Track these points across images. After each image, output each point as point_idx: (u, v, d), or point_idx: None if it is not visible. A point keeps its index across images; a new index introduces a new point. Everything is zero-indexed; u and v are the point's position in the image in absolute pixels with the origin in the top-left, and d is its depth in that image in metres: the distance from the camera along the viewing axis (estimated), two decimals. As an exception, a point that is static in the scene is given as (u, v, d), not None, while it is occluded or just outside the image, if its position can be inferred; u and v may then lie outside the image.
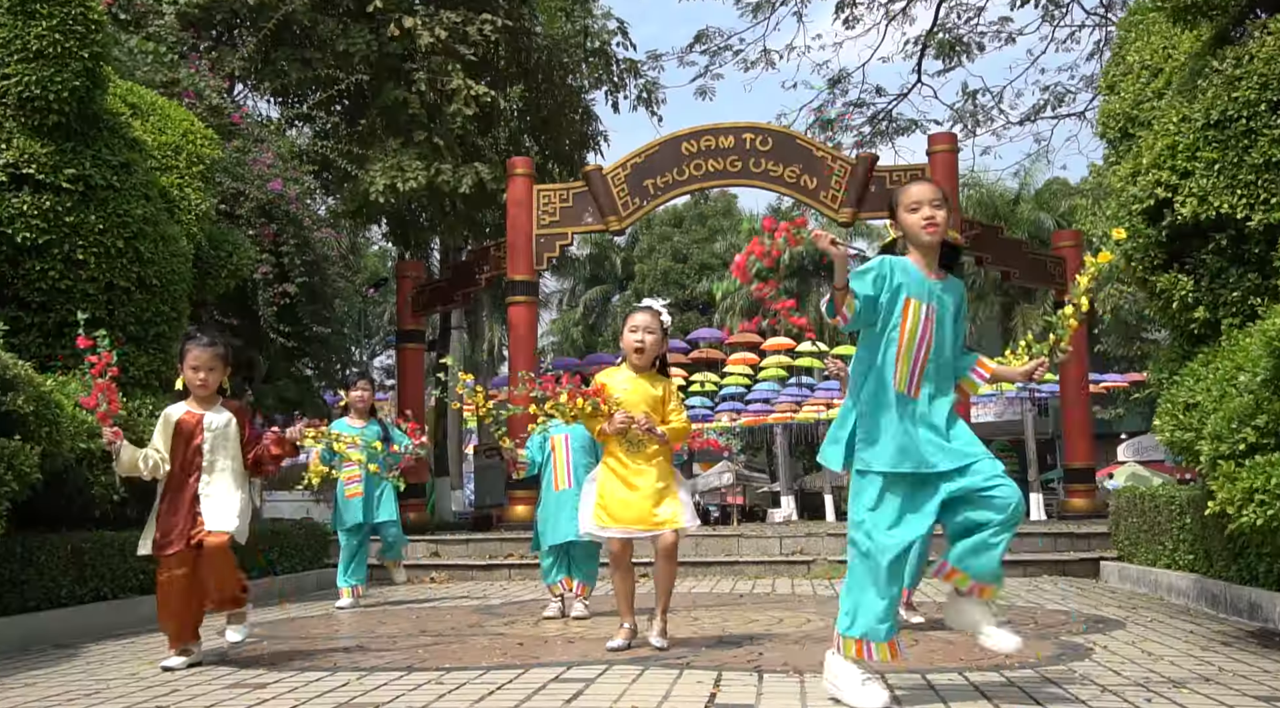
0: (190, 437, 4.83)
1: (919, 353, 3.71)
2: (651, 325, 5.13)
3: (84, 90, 7.07)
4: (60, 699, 3.92)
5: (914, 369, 3.70)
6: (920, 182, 3.89)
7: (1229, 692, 3.76)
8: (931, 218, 3.75)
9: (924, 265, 3.80)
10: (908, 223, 3.79)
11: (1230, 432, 4.81)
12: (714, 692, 3.79)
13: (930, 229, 3.75)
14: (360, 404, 7.69)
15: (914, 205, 3.78)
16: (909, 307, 3.72)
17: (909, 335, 3.70)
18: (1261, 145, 5.90)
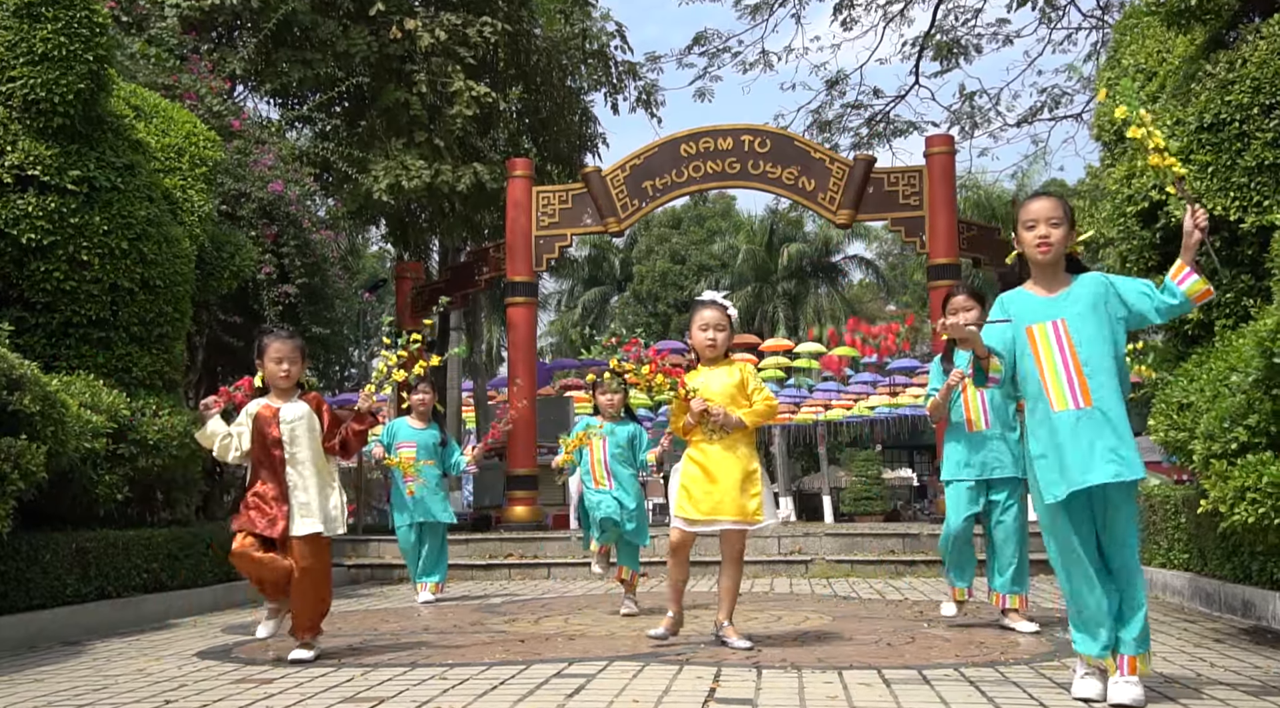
0: (268, 429, 4.91)
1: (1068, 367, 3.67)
2: (721, 322, 5.13)
3: (88, 93, 7.13)
4: (68, 695, 3.98)
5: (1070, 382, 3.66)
6: (1040, 198, 3.83)
7: (1220, 687, 3.82)
8: (1046, 237, 3.73)
9: (1041, 286, 3.80)
10: (1024, 240, 3.79)
11: (1222, 431, 4.87)
12: (714, 687, 3.85)
13: (1043, 250, 3.74)
14: (422, 407, 7.76)
15: (1030, 223, 3.77)
16: (1033, 335, 3.73)
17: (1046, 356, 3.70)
18: (1254, 148, 5.96)
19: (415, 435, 7.69)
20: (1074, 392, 3.64)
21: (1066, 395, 3.65)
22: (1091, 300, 3.73)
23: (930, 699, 3.59)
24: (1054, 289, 3.79)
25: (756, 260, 40.94)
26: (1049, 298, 3.78)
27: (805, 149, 13.00)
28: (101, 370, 7.29)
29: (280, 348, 4.99)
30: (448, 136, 14.30)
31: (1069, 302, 3.74)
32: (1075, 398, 3.63)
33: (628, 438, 6.63)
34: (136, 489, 7.32)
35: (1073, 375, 3.65)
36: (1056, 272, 3.80)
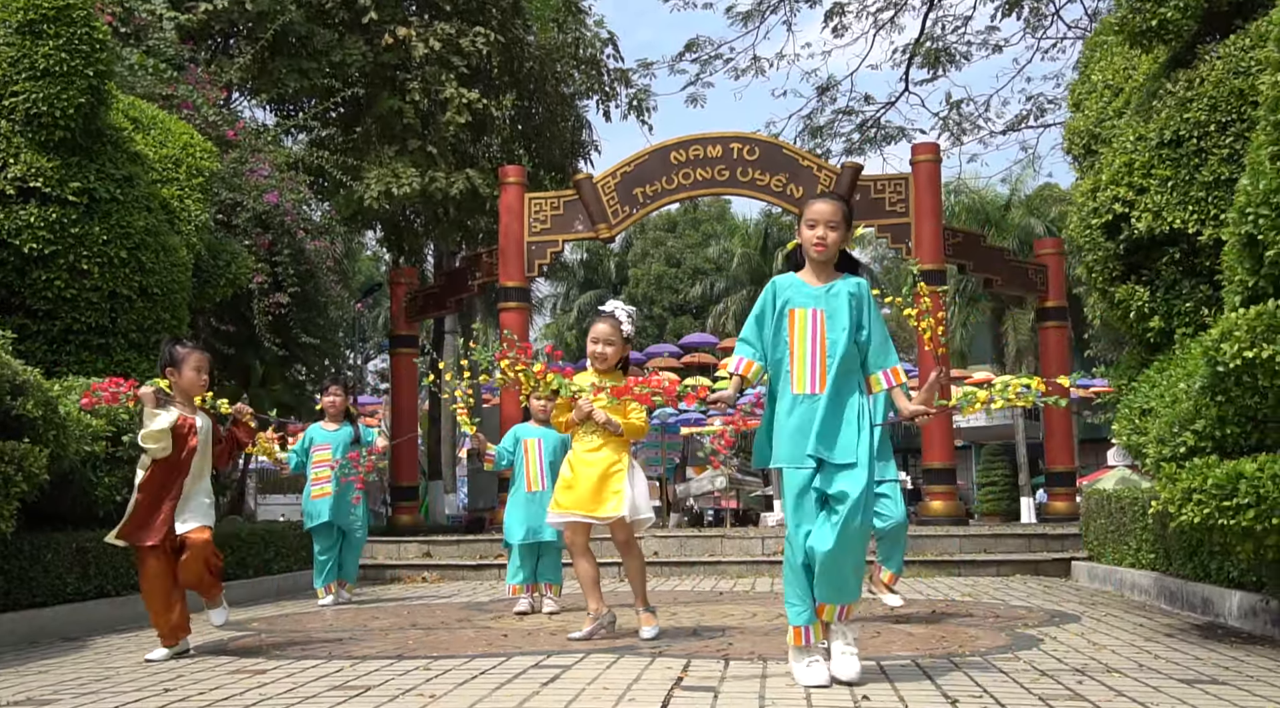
0: (185, 439, 5.09)
1: (814, 354, 4.04)
2: (611, 337, 5.43)
3: (89, 107, 7.38)
4: (72, 685, 4.21)
5: (813, 369, 4.02)
6: (822, 199, 4.18)
7: (1156, 676, 4.06)
8: (823, 239, 4.08)
9: (813, 276, 4.16)
10: (804, 237, 4.15)
11: (1172, 435, 5.11)
12: (681, 676, 4.08)
13: (818, 249, 4.10)
14: (333, 409, 7.95)
15: (811, 222, 4.12)
16: (794, 316, 4.07)
17: (799, 340, 4.05)
18: (1211, 164, 6.21)
19: (329, 437, 7.83)
20: (813, 378, 4.02)
21: (806, 380, 4.02)
22: (848, 301, 4.11)
23: (882, 688, 3.82)
24: (824, 281, 4.15)
25: (751, 264, 41.18)
26: (815, 288, 4.14)
27: (793, 157, 13.24)
28: (101, 376, 7.49)
29: (201, 359, 5.22)
30: (441, 143, 14.54)
31: (829, 296, 4.11)
32: (813, 383, 4.01)
33: (563, 443, 6.87)
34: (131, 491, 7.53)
35: (816, 363, 4.03)
36: (828, 267, 4.18)
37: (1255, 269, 5.01)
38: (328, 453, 7.72)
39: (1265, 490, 4.51)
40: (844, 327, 4.06)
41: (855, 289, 4.16)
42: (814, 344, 4.04)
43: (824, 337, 4.05)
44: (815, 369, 4.03)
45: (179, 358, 5.18)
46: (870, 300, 4.16)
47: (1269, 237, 4.83)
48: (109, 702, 3.77)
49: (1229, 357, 4.65)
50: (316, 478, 7.72)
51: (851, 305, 4.10)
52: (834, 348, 4.04)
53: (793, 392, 4.03)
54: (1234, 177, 6.10)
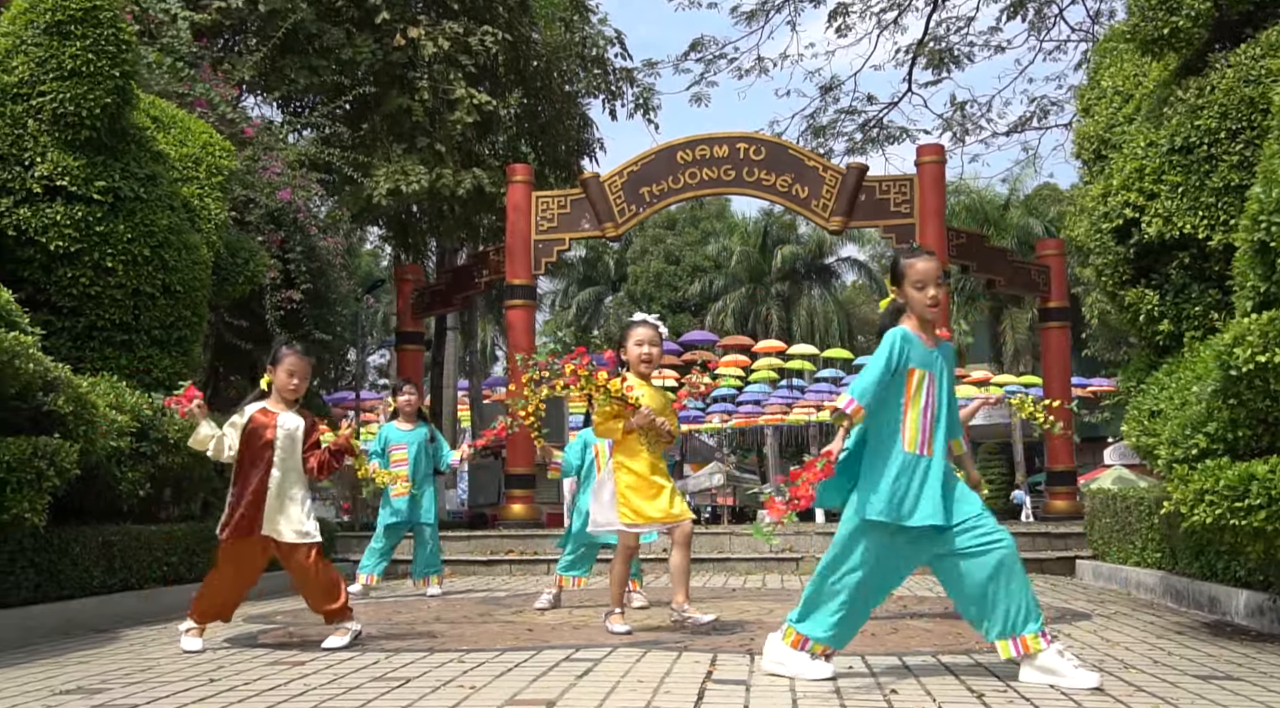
0: (263, 433, 5.20)
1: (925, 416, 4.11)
2: (655, 339, 5.61)
3: (115, 107, 7.48)
4: (117, 674, 4.32)
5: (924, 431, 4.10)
6: (921, 257, 4.17)
7: (1172, 672, 4.18)
8: (936, 299, 4.14)
9: (923, 334, 4.19)
10: (913, 299, 4.16)
11: (1184, 437, 5.23)
12: (710, 670, 4.20)
13: (933, 309, 4.14)
14: (408, 408, 8.12)
15: (919, 283, 4.13)
16: (912, 376, 4.11)
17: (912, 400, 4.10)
18: (1221, 170, 6.33)
19: (405, 437, 8.05)
20: (923, 439, 4.08)
21: (917, 440, 4.08)
22: (950, 364, 4.24)
23: (909, 682, 3.94)
24: (933, 341, 4.21)
25: (750, 262, 41.34)
26: (931, 350, 4.18)
27: (799, 157, 13.34)
28: (124, 372, 7.63)
29: (296, 363, 5.32)
30: (448, 142, 14.63)
31: (940, 360, 4.19)
32: (923, 446, 4.07)
33: None
34: (156, 486, 7.65)
35: (927, 425, 4.10)
36: (936, 327, 4.26)
37: (1267, 275, 5.12)
38: (404, 453, 7.93)
39: (1276, 492, 4.64)
40: (947, 391, 4.18)
41: (951, 353, 4.29)
42: (926, 406, 4.10)
43: (934, 401, 4.12)
44: (925, 431, 4.09)
45: (279, 358, 5.33)
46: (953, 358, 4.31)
47: (1281, 244, 4.94)
48: (158, 691, 3.87)
49: (1242, 361, 4.78)
50: (397, 478, 7.84)
51: (949, 372, 4.22)
52: (939, 412, 4.12)
53: (904, 449, 4.07)
54: (1244, 183, 6.21)
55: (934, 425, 4.10)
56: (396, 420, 8.16)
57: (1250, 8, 6.59)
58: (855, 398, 3.98)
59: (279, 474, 5.19)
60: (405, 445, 7.99)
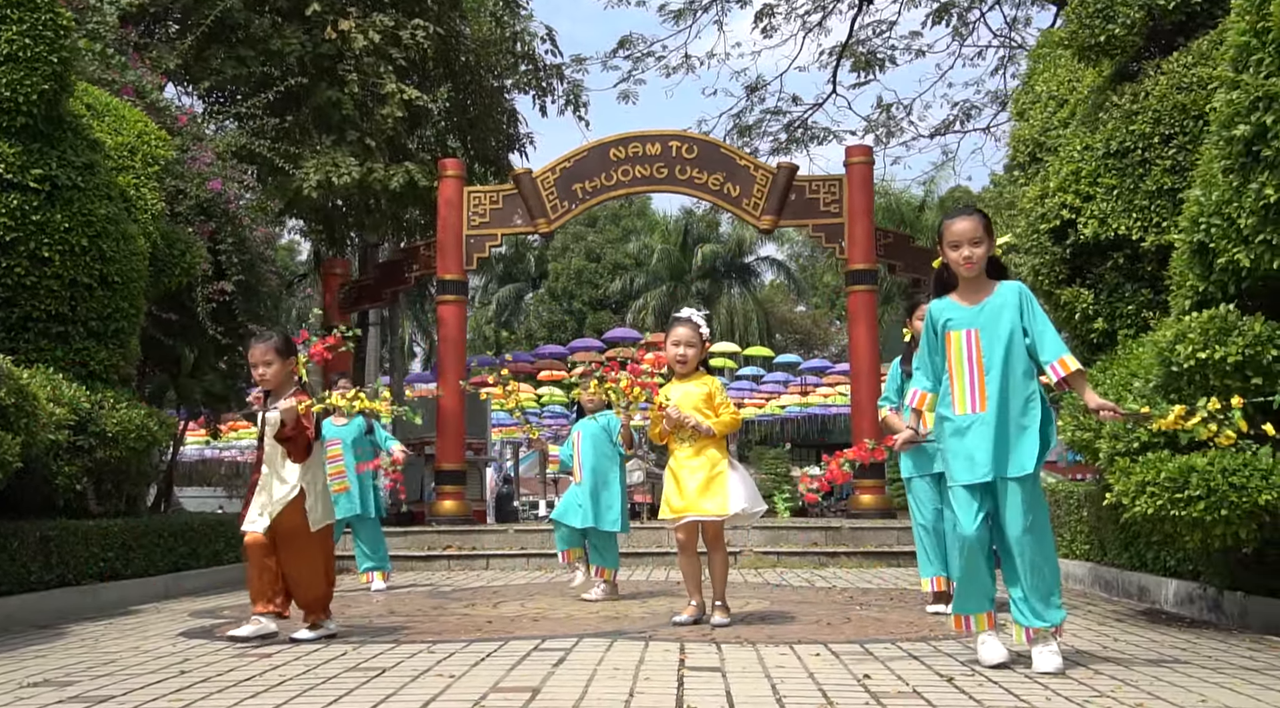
0: (264, 425, 5.16)
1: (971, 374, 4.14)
2: (692, 339, 5.61)
3: (51, 94, 7.30)
4: (81, 669, 4.24)
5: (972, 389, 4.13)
6: (960, 217, 4.24)
7: (1124, 656, 4.36)
8: (970, 257, 4.17)
9: (964, 295, 4.25)
10: (949, 258, 4.23)
11: (1125, 432, 5.42)
12: (682, 658, 4.26)
13: (968, 266, 4.19)
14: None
15: (953, 243, 4.20)
16: (951, 339, 4.19)
17: (956, 361, 4.17)
18: (1155, 174, 6.56)
19: (339, 432, 7.96)
20: (974, 398, 4.13)
21: (967, 400, 4.14)
22: (1004, 314, 4.18)
23: (877, 668, 4.04)
24: (976, 299, 4.25)
25: (671, 260, 41.54)
26: (969, 308, 4.24)
27: (731, 156, 13.48)
28: (60, 364, 7.45)
29: (253, 354, 5.23)
30: (378, 136, 14.50)
31: (985, 314, 4.20)
32: (974, 403, 4.12)
33: (602, 431, 7.10)
34: (93, 480, 7.49)
35: (974, 383, 4.14)
36: (980, 282, 4.26)
37: (1205, 275, 5.34)
38: (339, 448, 7.83)
39: (1215, 483, 4.83)
40: (1003, 340, 4.12)
41: (1011, 295, 4.21)
42: (970, 364, 4.14)
43: (980, 356, 4.13)
44: (974, 389, 4.12)
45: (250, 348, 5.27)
46: (1030, 300, 4.22)
47: (1220, 245, 5.16)
48: (129, 683, 3.83)
49: (1183, 357, 4.98)
50: (333, 473, 7.74)
51: (1008, 317, 4.16)
52: (991, 366, 4.11)
53: (955, 412, 4.14)
54: (1176, 187, 6.45)
55: (986, 381, 4.10)
56: (332, 416, 8.07)
57: (1182, 18, 6.83)
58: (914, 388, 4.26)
59: (267, 468, 5.16)
60: (339, 441, 7.90)
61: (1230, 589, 5.55)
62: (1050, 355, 4.12)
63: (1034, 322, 4.18)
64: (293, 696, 3.53)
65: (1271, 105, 4.71)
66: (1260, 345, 4.81)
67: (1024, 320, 4.17)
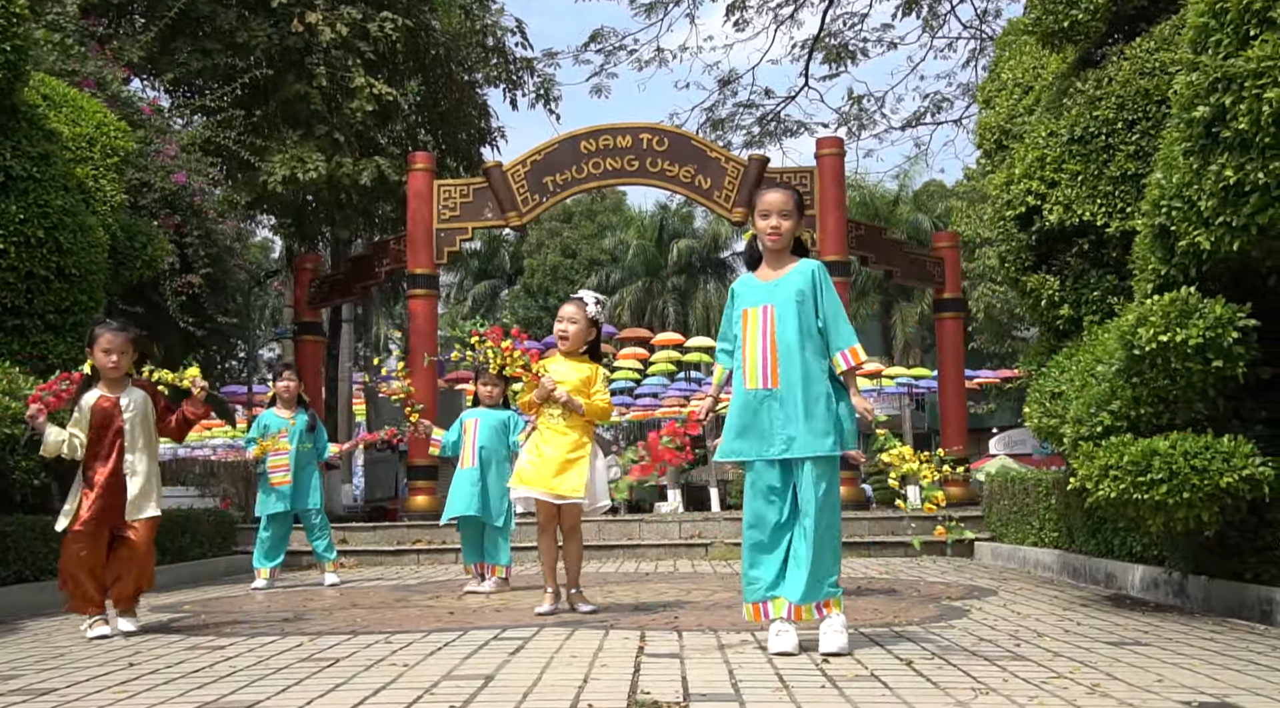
0: (110, 419, 5.14)
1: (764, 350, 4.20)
2: (576, 317, 5.63)
3: (5, 83, 7.18)
4: (28, 662, 4.17)
5: (764, 365, 4.18)
6: (774, 189, 4.33)
7: (1085, 639, 4.34)
8: (777, 227, 4.24)
9: (765, 271, 4.33)
10: (757, 227, 4.32)
11: (1089, 416, 5.41)
12: (641, 645, 4.22)
13: (773, 237, 4.26)
14: (287, 394, 7.97)
15: (764, 212, 4.28)
16: (746, 316, 4.25)
17: (750, 338, 4.22)
18: (1119, 159, 6.56)
19: (284, 423, 7.93)
20: (765, 373, 4.18)
21: (759, 375, 4.18)
22: (797, 292, 4.24)
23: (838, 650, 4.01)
24: (776, 273, 4.31)
25: (647, 256, 41.49)
26: (766, 284, 4.31)
27: (702, 148, 13.42)
28: (16, 358, 7.33)
29: (111, 339, 5.22)
30: (347, 130, 14.40)
31: (779, 290, 4.26)
32: (765, 379, 4.17)
33: (501, 423, 7.09)
34: (51, 475, 7.38)
35: (767, 358, 4.19)
36: (783, 256, 4.34)
37: (1167, 258, 5.33)
38: (285, 441, 7.79)
39: (1177, 466, 4.82)
40: (794, 317, 4.19)
41: (805, 274, 4.27)
42: (764, 340, 4.20)
43: (774, 332, 4.19)
44: (766, 365, 4.18)
45: (94, 338, 5.25)
46: (824, 280, 4.29)
47: (1181, 228, 5.14)
48: (75, 675, 3.75)
49: (1144, 341, 4.96)
50: (275, 466, 7.74)
51: (799, 295, 4.22)
52: (784, 342, 4.17)
53: (745, 387, 4.20)
54: (1140, 172, 6.45)
55: (778, 357, 4.16)
56: (275, 406, 8.03)
57: (1145, 3, 6.84)
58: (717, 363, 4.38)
59: (131, 457, 5.14)
60: (285, 431, 7.86)
61: (1195, 573, 5.56)
62: (842, 343, 4.23)
63: (825, 304, 4.26)
64: (241, 685, 3.47)
65: (1230, 86, 4.69)
66: (1221, 328, 4.79)
67: (817, 300, 4.25)
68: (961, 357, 14.62)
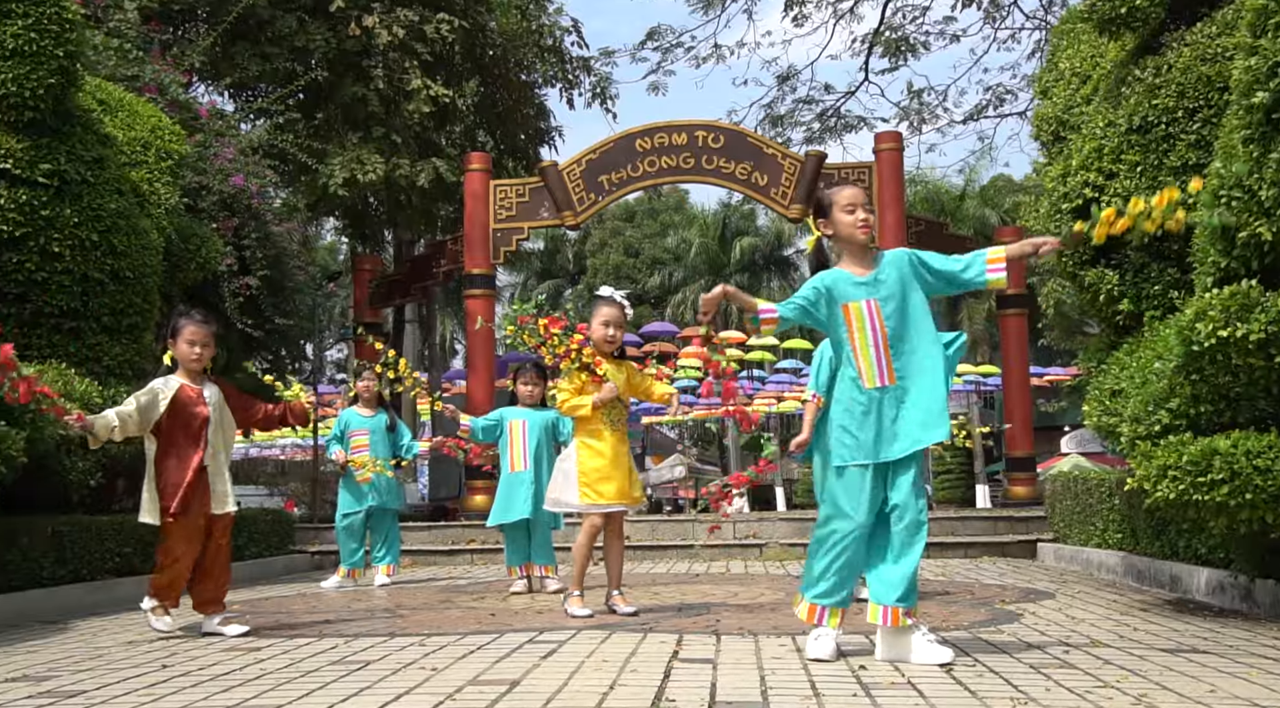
0: (194, 409, 5.10)
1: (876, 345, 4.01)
2: (620, 320, 5.57)
3: (59, 88, 7.28)
4: (65, 663, 4.19)
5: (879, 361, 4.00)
6: (847, 185, 4.20)
7: (1139, 646, 4.17)
8: (866, 220, 4.08)
9: (856, 264, 4.12)
10: (842, 223, 4.11)
11: (1147, 414, 5.23)
12: (676, 649, 4.14)
13: (864, 230, 4.08)
14: (367, 394, 8.01)
15: (849, 206, 4.11)
16: (849, 311, 4.04)
17: (858, 335, 4.02)
18: (1179, 149, 6.34)
19: (365, 423, 7.94)
20: (881, 369, 3.99)
21: (875, 373, 3.99)
22: (900, 279, 4.06)
23: (870, 658, 3.89)
24: (867, 269, 4.11)
25: (709, 254, 41.34)
26: (862, 278, 4.09)
27: (758, 145, 13.30)
28: (72, 359, 7.44)
29: (195, 331, 5.19)
30: (405, 131, 14.48)
31: (879, 284, 4.06)
32: (882, 376, 3.99)
33: (549, 423, 6.98)
34: (107, 476, 7.49)
35: (880, 354, 4.00)
36: (869, 251, 4.15)
37: (1228, 251, 5.12)
38: (365, 438, 7.84)
39: (1239, 466, 4.63)
40: (900, 307, 4.01)
41: (900, 259, 4.10)
42: (875, 336, 4.01)
43: (883, 326, 4.01)
44: (881, 361, 3.99)
45: (178, 329, 5.21)
46: (919, 255, 4.12)
47: (1241, 219, 4.94)
48: (107, 677, 3.76)
49: (1204, 336, 4.76)
50: (358, 464, 7.78)
51: (902, 278, 4.05)
52: (895, 333, 4.00)
53: (864, 386, 3.99)
54: (1201, 162, 6.22)
55: (891, 352, 3.99)
56: (356, 405, 8.05)
57: (1207, -13, 6.61)
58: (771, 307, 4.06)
59: (216, 449, 5.12)
60: (366, 431, 7.88)
61: (1262, 577, 5.35)
62: (979, 261, 4.06)
63: (932, 266, 4.08)
64: (265, 689, 3.45)
65: (1291, 70, 4.50)
66: (1283, 322, 4.59)
67: (921, 278, 4.08)
68: (1026, 353, 14.34)
